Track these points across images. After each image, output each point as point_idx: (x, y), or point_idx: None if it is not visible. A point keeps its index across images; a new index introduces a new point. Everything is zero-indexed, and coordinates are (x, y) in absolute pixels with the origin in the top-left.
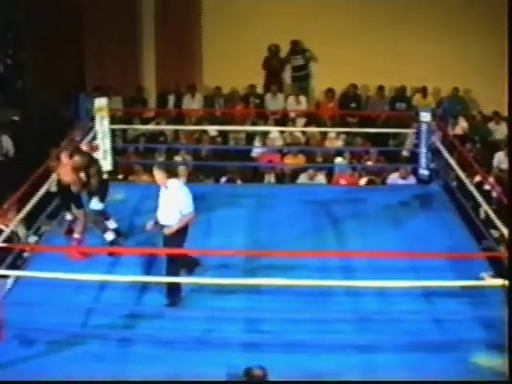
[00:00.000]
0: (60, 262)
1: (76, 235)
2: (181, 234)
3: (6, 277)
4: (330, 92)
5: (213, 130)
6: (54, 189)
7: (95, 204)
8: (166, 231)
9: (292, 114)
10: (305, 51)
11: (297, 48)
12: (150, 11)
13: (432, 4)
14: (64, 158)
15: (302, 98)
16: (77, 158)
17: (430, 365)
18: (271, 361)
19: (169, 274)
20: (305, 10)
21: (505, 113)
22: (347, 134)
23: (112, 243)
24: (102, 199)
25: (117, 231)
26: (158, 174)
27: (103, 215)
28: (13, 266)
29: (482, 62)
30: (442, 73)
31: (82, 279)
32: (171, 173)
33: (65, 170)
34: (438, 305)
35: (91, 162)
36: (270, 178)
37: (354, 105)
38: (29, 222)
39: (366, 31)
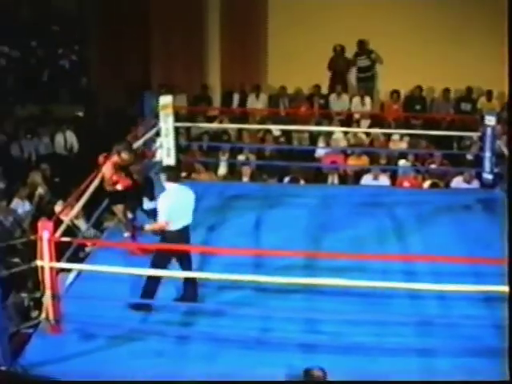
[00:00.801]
0: (121, 257)
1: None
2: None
3: (67, 270)
4: (394, 93)
5: (277, 129)
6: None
7: (147, 203)
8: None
9: (356, 115)
10: (371, 52)
11: (363, 48)
12: (216, 10)
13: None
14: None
15: (367, 99)
16: (123, 155)
17: (489, 370)
18: (330, 362)
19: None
20: (371, 10)
21: None
22: (411, 136)
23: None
24: (152, 198)
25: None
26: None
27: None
28: (74, 259)
29: None
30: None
31: (142, 274)
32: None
33: (107, 165)
34: (498, 310)
35: (136, 160)
36: (334, 178)
37: (418, 107)
38: (91, 217)
39: (432, 33)
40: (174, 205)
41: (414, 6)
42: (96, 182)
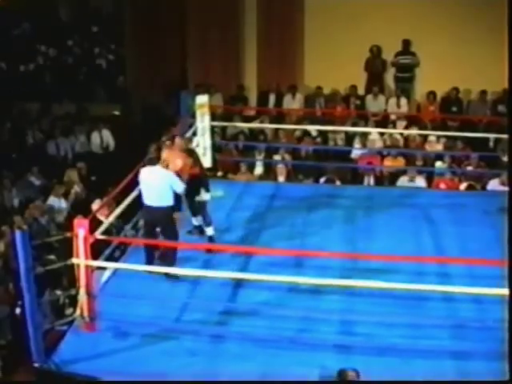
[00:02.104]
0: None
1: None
2: None
3: (103, 268)
4: (431, 95)
5: (313, 129)
6: None
7: (204, 194)
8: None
9: (393, 116)
10: (414, 53)
11: (407, 48)
12: (253, 10)
13: None
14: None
15: (403, 100)
16: (177, 141)
17: None
18: (364, 363)
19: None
20: (408, 11)
21: None
22: (448, 137)
23: (211, 239)
24: (208, 190)
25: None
26: None
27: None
28: (110, 257)
29: None
30: None
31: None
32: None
33: (175, 153)
34: None
35: (190, 152)
36: (369, 179)
37: (455, 108)
38: (127, 215)
39: (469, 34)
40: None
41: (451, 6)
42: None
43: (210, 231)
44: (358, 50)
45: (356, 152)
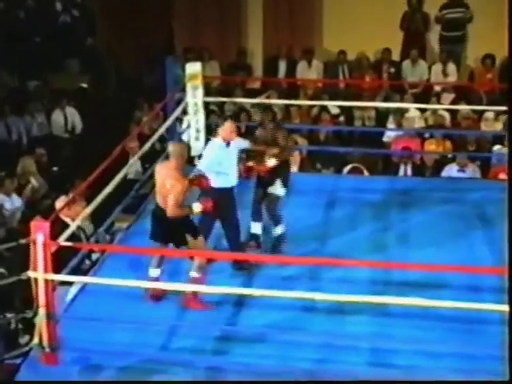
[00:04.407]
0: (137, 267)
1: (195, 273)
2: None
3: (68, 283)
4: (488, 59)
5: (334, 106)
6: (132, 176)
7: (279, 188)
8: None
9: (437, 88)
10: (467, 6)
11: None
12: None
13: None
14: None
15: (452, 67)
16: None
17: None
18: None
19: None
20: None
21: None
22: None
23: (278, 240)
24: (286, 184)
25: None
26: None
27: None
28: (78, 270)
29: None
30: None
31: (163, 288)
32: None
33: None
34: None
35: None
36: (406, 169)
37: None
38: (100, 216)
39: None
40: None
41: None
42: (122, 172)
43: (278, 230)
44: (391, 2)
45: (389, 134)
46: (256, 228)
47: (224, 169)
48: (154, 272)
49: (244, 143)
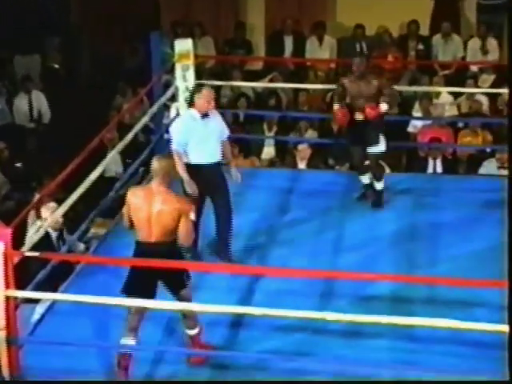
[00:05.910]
0: (116, 281)
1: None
2: None
3: (34, 301)
4: None
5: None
6: (111, 173)
7: (380, 144)
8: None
9: (474, 68)
10: None
11: None
12: None
13: None
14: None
15: (493, 42)
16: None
17: None
18: None
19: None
20: None
21: None
22: None
23: (379, 194)
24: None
25: None
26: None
27: None
28: (46, 285)
29: None
30: None
31: (148, 306)
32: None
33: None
34: None
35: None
36: (436, 164)
37: None
38: (73, 220)
39: None
40: None
41: None
42: (100, 169)
43: (379, 185)
44: None
45: (415, 123)
46: (365, 179)
47: (200, 143)
48: (127, 341)
49: (224, 127)
